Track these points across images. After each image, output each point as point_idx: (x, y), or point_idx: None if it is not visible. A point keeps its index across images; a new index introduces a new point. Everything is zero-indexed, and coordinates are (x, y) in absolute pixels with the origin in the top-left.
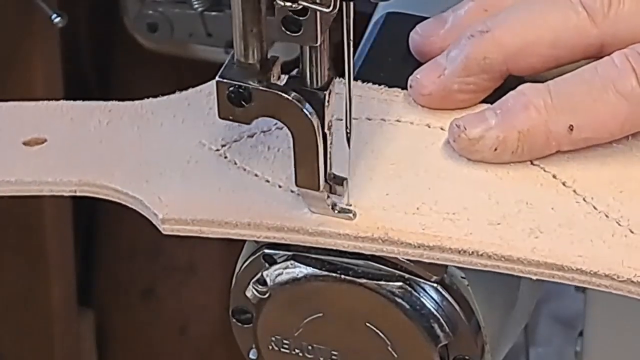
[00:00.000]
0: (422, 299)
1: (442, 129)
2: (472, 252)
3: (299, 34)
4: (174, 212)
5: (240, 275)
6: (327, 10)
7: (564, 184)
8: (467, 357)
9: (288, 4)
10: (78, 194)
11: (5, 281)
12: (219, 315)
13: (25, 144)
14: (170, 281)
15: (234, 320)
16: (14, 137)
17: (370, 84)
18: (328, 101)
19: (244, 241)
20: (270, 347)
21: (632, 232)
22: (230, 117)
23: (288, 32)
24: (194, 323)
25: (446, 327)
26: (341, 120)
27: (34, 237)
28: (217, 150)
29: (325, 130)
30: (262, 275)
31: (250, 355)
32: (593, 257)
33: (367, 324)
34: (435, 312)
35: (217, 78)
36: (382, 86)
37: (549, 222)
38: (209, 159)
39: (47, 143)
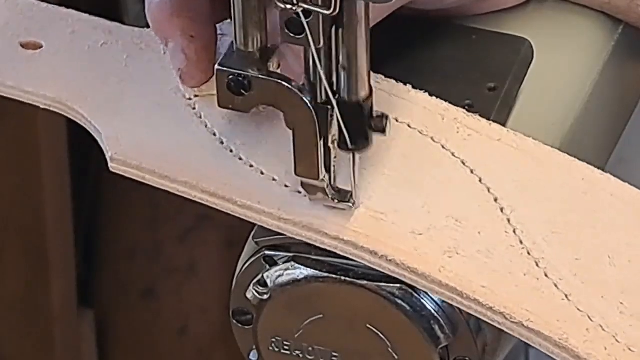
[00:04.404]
0: (422, 300)
1: (409, 126)
2: (382, 256)
3: (303, 36)
4: (124, 154)
5: (241, 276)
6: (328, 12)
7: (502, 210)
8: (467, 358)
9: (288, 6)
10: (52, 109)
11: (5, 281)
12: (218, 316)
13: (22, 45)
14: (170, 281)
15: (234, 321)
16: (14, 35)
17: None
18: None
19: (245, 242)
20: (271, 349)
21: (546, 275)
22: (230, 106)
23: (292, 34)
24: (193, 323)
25: (446, 329)
26: None
27: (35, 237)
28: (189, 99)
29: (330, 144)
30: (262, 276)
31: (251, 357)
32: (495, 291)
33: (368, 326)
34: (436, 314)
35: (216, 66)
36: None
37: (469, 246)
38: (177, 107)
39: (42, 50)
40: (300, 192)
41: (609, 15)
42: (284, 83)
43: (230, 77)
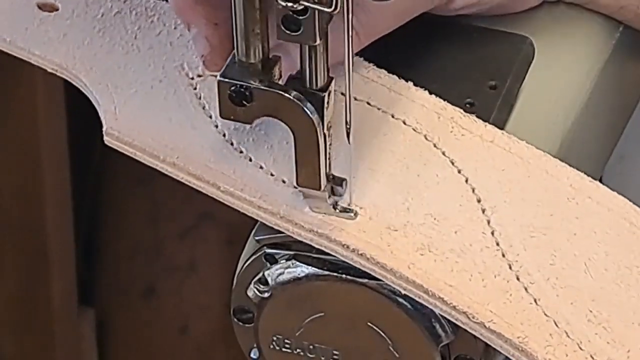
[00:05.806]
0: None
1: (404, 122)
2: (354, 250)
3: (299, 33)
4: (119, 128)
5: (242, 274)
6: (329, 10)
7: (483, 211)
8: (468, 357)
9: (289, 4)
10: (58, 74)
11: (5, 280)
12: (219, 314)
13: (39, 6)
14: (170, 280)
15: (235, 319)
16: None
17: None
18: (328, 102)
19: (246, 240)
20: (272, 347)
21: (517, 279)
22: (232, 117)
23: (288, 32)
24: (194, 322)
25: (447, 327)
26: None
27: (35, 237)
28: (192, 79)
29: (325, 130)
30: (263, 274)
31: (252, 355)
32: (461, 291)
33: (369, 324)
34: (437, 312)
35: (218, 77)
36: (370, 64)
37: (443, 244)
38: (178, 85)
39: (56, 14)
40: (284, 182)
41: (609, 15)
42: (285, 94)
43: (232, 88)
